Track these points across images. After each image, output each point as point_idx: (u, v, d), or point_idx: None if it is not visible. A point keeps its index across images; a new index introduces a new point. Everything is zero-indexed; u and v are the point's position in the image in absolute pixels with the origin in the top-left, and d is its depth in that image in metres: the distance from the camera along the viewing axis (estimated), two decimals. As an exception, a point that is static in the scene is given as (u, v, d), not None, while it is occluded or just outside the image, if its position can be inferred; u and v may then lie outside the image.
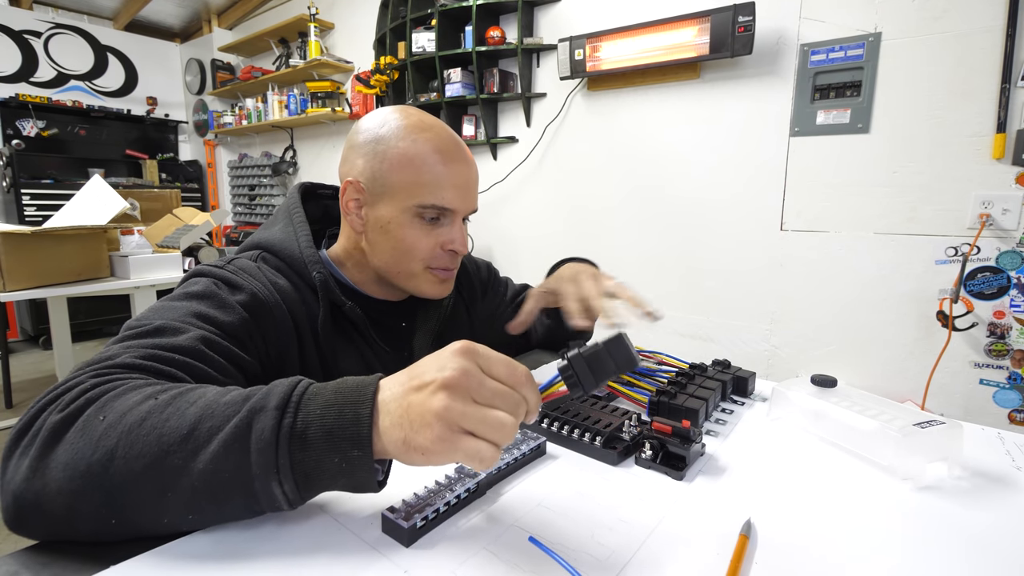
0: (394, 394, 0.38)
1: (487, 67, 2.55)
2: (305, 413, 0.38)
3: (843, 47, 1.73)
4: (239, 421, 0.38)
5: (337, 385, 0.40)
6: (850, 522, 0.43)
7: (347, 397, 0.39)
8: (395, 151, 0.66)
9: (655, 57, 2.04)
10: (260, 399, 0.39)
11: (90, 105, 4.04)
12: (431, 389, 0.37)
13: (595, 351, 0.43)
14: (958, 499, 0.47)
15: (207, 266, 0.64)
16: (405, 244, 0.69)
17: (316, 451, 0.37)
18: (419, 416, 0.36)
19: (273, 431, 0.37)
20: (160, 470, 0.36)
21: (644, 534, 0.41)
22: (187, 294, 0.58)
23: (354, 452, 0.37)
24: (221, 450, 0.37)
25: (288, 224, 0.73)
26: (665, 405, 0.60)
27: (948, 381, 1.66)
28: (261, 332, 0.61)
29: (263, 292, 0.63)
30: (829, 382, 0.61)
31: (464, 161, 0.70)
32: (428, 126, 0.68)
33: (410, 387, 0.38)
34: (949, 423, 0.51)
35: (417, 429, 0.36)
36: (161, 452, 0.37)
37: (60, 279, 2.08)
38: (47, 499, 0.37)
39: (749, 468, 0.52)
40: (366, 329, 0.72)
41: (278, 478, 0.37)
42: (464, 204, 0.70)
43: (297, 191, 0.78)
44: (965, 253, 1.59)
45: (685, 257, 2.17)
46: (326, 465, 0.37)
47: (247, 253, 0.71)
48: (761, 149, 1.93)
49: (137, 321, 0.53)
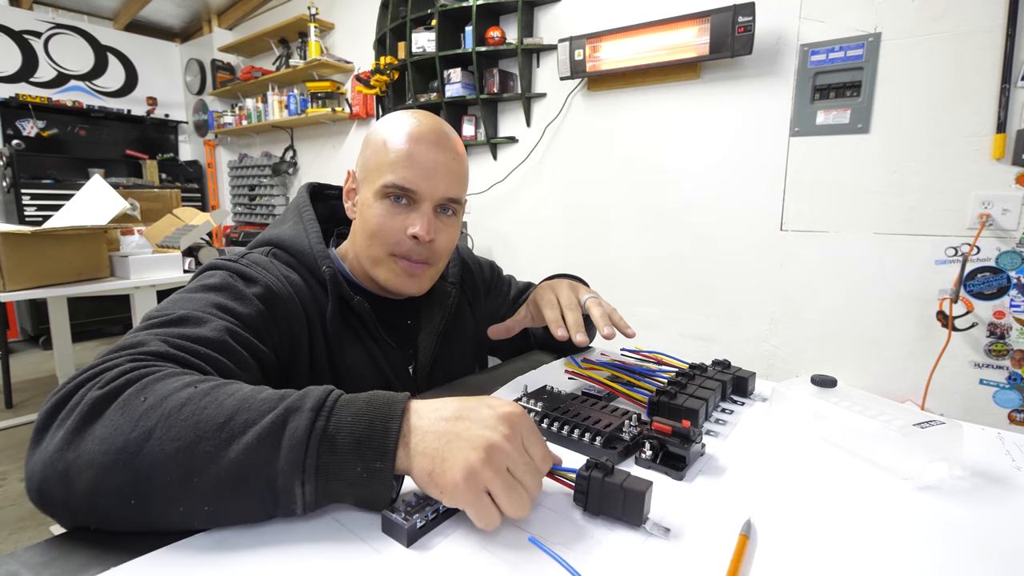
0: (434, 426, 0.40)
1: (487, 67, 2.55)
2: (337, 419, 0.39)
3: (843, 47, 1.73)
4: (275, 417, 0.39)
5: (369, 397, 0.42)
6: (850, 522, 0.43)
7: (378, 410, 0.40)
8: (377, 138, 0.70)
9: (655, 57, 2.04)
10: (297, 400, 0.41)
11: (90, 105, 4.04)
12: (474, 443, 0.39)
13: (612, 487, 0.42)
14: (958, 499, 0.47)
15: (221, 260, 0.65)
16: (371, 225, 0.69)
17: (342, 456, 0.38)
18: (453, 460, 0.38)
19: (306, 431, 0.38)
20: (192, 454, 0.37)
21: (644, 534, 0.41)
22: (204, 286, 0.59)
23: (377, 464, 0.38)
24: (254, 442, 0.38)
25: (298, 221, 0.74)
26: (665, 405, 0.60)
27: (948, 381, 1.66)
28: (276, 324, 0.62)
29: (277, 285, 0.64)
30: (829, 382, 0.61)
31: (438, 146, 0.68)
32: (417, 118, 0.70)
33: (453, 429, 0.40)
34: (949, 423, 0.51)
35: (447, 469, 0.38)
36: (196, 437, 0.38)
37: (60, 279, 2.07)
38: (76, 471, 0.37)
39: (749, 468, 0.52)
40: (373, 324, 0.72)
41: (302, 477, 0.38)
42: (429, 186, 0.68)
43: (306, 190, 0.80)
44: (965, 253, 1.59)
45: (685, 257, 2.17)
46: (347, 472, 0.38)
47: (259, 249, 0.71)
48: (761, 149, 1.93)
49: (158, 311, 0.53)
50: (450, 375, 0.82)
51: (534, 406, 0.60)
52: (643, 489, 0.41)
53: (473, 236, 2.77)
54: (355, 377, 0.70)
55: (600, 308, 0.72)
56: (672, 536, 0.41)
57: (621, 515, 0.42)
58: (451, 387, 0.75)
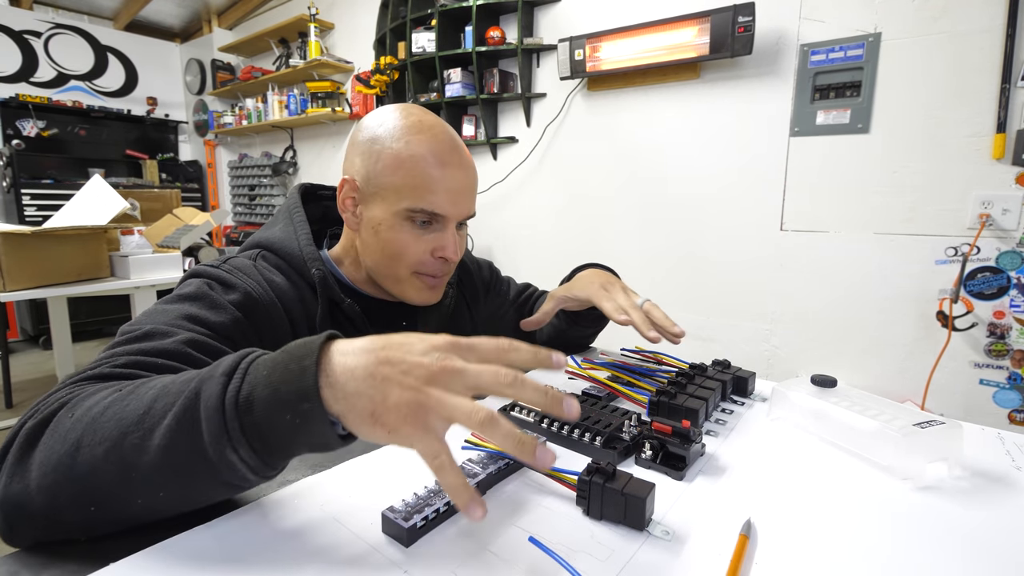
0: (361, 360, 0.37)
1: (487, 67, 2.55)
2: (252, 376, 0.37)
3: (843, 47, 1.73)
4: (189, 392, 0.37)
5: (287, 346, 0.39)
6: (850, 522, 0.43)
7: (293, 354, 0.38)
8: (389, 152, 0.66)
9: (655, 57, 2.04)
10: (210, 369, 0.39)
11: (90, 105, 4.04)
12: (414, 371, 0.36)
13: (613, 493, 0.41)
14: (958, 499, 0.47)
15: (203, 266, 0.64)
16: (393, 248, 0.68)
17: (265, 411, 0.36)
18: (392, 395, 0.35)
19: (219, 396, 0.36)
20: (121, 451, 0.37)
21: (644, 534, 0.41)
22: (180, 296, 0.59)
23: (304, 405, 0.36)
24: (173, 423, 0.37)
25: (288, 223, 0.73)
26: (665, 405, 0.60)
27: (948, 381, 1.66)
28: (256, 330, 0.61)
29: (257, 290, 0.63)
30: (829, 382, 0.61)
31: (459, 166, 0.68)
32: (426, 127, 0.67)
33: (383, 358, 0.36)
34: (949, 423, 0.51)
35: (389, 408, 0.35)
36: (120, 434, 0.37)
37: (60, 279, 2.08)
38: (28, 500, 0.38)
39: (749, 468, 0.52)
40: (365, 328, 0.72)
41: (231, 444, 0.36)
42: (456, 210, 0.68)
43: (297, 191, 0.79)
44: (965, 253, 1.59)
45: (685, 257, 2.17)
46: (278, 424, 0.36)
47: (247, 252, 0.71)
48: (761, 149, 1.93)
49: (130, 326, 0.54)
50: None
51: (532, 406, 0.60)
52: (644, 495, 0.41)
53: (473, 237, 2.77)
54: None
55: (660, 311, 0.73)
56: (673, 537, 0.41)
57: (623, 520, 0.42)
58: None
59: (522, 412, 0.61)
